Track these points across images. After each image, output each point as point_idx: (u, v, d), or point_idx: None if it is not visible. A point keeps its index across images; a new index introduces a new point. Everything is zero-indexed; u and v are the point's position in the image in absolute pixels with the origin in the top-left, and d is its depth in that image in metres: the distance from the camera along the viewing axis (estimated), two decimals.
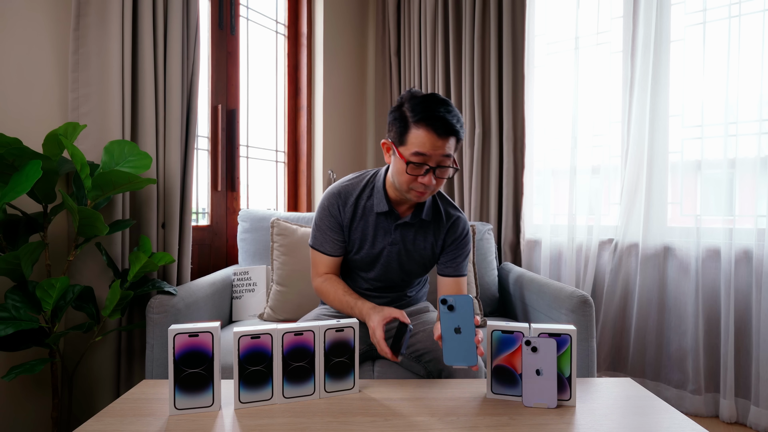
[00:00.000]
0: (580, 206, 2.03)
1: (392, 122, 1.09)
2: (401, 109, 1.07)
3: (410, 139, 1.03)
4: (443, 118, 1.01)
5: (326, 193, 1.21)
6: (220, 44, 1.91)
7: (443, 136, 1.02)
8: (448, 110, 1.03)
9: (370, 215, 1.18)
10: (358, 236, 1.19)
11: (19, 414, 1.25)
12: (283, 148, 2.30)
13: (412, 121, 1.03)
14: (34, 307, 1.09)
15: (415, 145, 1.02)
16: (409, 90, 1.11)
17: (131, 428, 0.74)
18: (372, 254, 1.20)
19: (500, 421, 0.77)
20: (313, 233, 1.22)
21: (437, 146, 1.02)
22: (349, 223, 1.18)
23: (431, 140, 1.01)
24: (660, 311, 1.89)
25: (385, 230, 1.18)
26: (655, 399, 0.87)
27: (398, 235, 1.18)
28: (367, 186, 1.20)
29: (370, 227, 1.18)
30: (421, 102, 1.04)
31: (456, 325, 0.84)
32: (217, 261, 1.90)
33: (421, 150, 1.02)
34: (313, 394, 0.86)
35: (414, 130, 1.03)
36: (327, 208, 1.18)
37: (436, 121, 1.01)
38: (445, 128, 1.01)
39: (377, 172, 1.22)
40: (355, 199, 1.18)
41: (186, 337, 0.78)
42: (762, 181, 1.67)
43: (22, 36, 1.23)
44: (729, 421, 1.70)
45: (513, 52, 2.11)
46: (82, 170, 1.12)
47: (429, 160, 1.03)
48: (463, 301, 0.84)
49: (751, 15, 1.70)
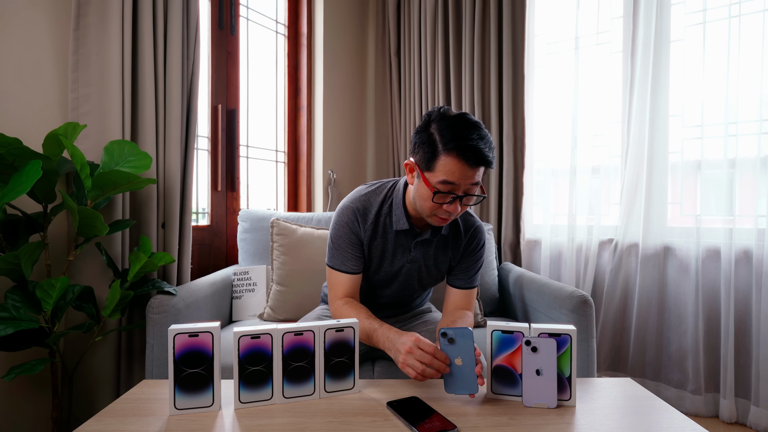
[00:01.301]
0: (580, 206, 2.03)
1: (419, 144, 1.00)
2: (429, 131, 0.99)
3: (438, 166, 0.96)
4: (476, 147, 0.93)
5: (343, 208, 1.12)
6: (220, 44, 1.91)
7: (474, 166, 0.95)
8: (481, 136, 0.95)
9: (389, 233, 1.12)
10: (377, 254, 1.13)
11: (19, 414, 1.25)
12: (283, 148, 2.30)
13: (443, 149, 0.95)
14: (34, 307, 1.09)
15: (443, 173, 0.95)
16: (438, 109, 1.01)
17: (131, 428, 0.74)
18: (391, 272, 1.15)
19: (500, 421, 0.77)
20: (331, 252, 1.13)
21: (467, 176, 0.96)
22: (369, 241, 1.12)
23: (461, 170, 0.95)
24: (660, 311, 1.89)
25: (405, 247, 1.13)
26: (655, 399, 0.87)
27: (418, 253, 1.14)
28: (386, 201, 1.12)
29: (390, 245, 1.12)
30: (452, 126, 0.96)
31: (457, 356, 0.85)
32: (217, 261, 1.90)
33: (450, 179, 0.95)
34: (313, 394, 0.86)
35: (443, 158, 0.95)
36: (347, 224, 1.10)
37: (468, 150, 0.93)
38: (477, 158, 0.94)
39: (395, 185, 1.15)
40: (374, 216, 1.11)
41: (186, 337, 0.78)
42: (762, 181, 1.67)
43: (22, 36, 1.23)
44: (729, 421, 1.70)
45: (513, 52, 2.11)
46: (82, 170, 1.12)
47: (457, 189, 0.97)
48: (463, 334, 0.84)
49: (751, 15, 1.70)
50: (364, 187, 1.17)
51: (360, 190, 1.15)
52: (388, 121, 2.52)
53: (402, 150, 2.45)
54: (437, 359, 0.85)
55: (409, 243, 1.13)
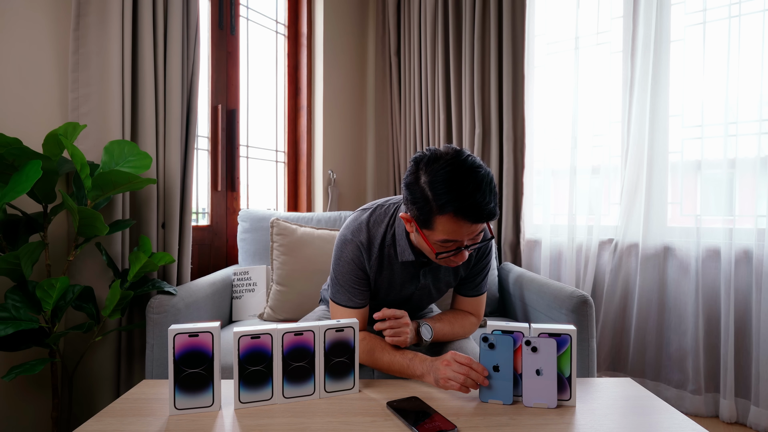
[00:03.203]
0: (580, 206, 2.03)
1: (411, 201, 0.90)
2: (419, 184, 0.87)
3: (437, 226, 0.87)
4: (476, 204, 0.83)
5: (345, 243, 1.04)
6: (220, 44, 1.91)
7: (476, 223, 0.86)
8: (479, 187, 0.83)
9: (395, 264, 1.05)
10: (384, 285, 1.08)
11: (19, 414, 1.25)
12: (283, 148, 2.30)
13: (438, 211, 0.85)
14: (34, 307, 1.09)
15: (442, 233, 0.87)
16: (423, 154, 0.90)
17: (131, 428, 0.74)
18: (400, 297, 1.13)
19: (500, 421, 0.77)
20: (335, 287, 1.06)
21: (471, 231, 0.87)
22: (376, 274, 1.05)
23: (462, 228, 0.86)
24: (660, 311, 1.89)
25: (412, 275, 1.08)
26: (655, 399, 0.87)
27: (428, 279, 1.10)
28: (388, 231, 1.04)
29: (397, 276, 1.07)
30: (446, 182, 0.84)
31: (495, 363, 0.84)
32: (217, 261, 1.90)
33: (452, 237, 0.87)
34: (313, 394, 0.86)
35: (441, 218, 0.86)
36: (352, 261, 1.03)
37: (468, 210, 0.83)
38: (477, 216, 0.84)
39: (395, 211, 1.06)
40: (378, 249, 1.03)
41: (186, 337, 0.78)
42: (762, 181, 1.67)
43: (23, 36, 1.23)
44: (729, 421, 1.70)
45: (513, 52, 2.11)
46: (82, 170, 1.12)
47: (460, 243, 0.89)
48: (505, 341, 0.84)
49: (751, 15, 1.70)
50: (361, 213, 1.08)
51: (360, 220, 1.06)
52: (388, 121, 2.52)
53: (402, 150, 2.45)
54: (474, 370, 0.84)
55: (417, 271, 1.08)
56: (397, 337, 0.97)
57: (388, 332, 0.97)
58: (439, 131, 2.27)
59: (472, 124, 2.18)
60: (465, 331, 1.15)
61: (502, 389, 0.84)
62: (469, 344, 1.16)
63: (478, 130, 2.15)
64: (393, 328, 0.97)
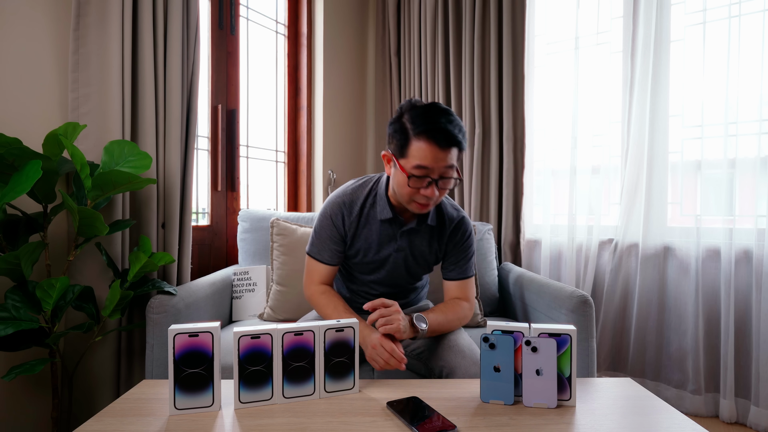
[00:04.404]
0: (580, 206, 2.03)
1: (392, 134, 1.07)
2: (401, 121, 1.05)
3: (411, 151, 1.01)
4: (445, 129, 0.99)
5: (329, 202, 1.18)
6: (220, 44, 1.91)
7: (445, 148, 1.00)
8: (450, 120, 1.01)
9: (374, 223, 1.17)
10: (362, 244, 1.18)
11: (19, 414, 1.25)
12: (283, 148, 2.30)
13: (413, 134, 1.01)
14: (34, 307, 1.09)
15: (416, 158, 1.01)
16: (408, 100, 1.09)
17: (131, 428, 0.74)
18: (377, 260, 1.19)
19: (500, 421, 0.77)
20: (312, 241, 1.21)
21: (439, 158, 1.00)
22: (354, 231, 1.17)
23: (433, 152, 0.99)
24: (660, 311, 1.89)
25: (390, 237, 1.17)
26: (655, 399, 0.87)
27: (404, 242, 1.18)
28: (371, 193, 1.18)
29: (375, 234, 1.17)
30: (422, 113, 1.02)
31: (496, 363, 0.84)
32: (217, 261, 1.90)
33: (423, 163, 1.00)
34: (313, 394, 0.86)
35: (415, 143, 1.01)
36: (330, 217, 1.17)
37: (438, 132, 0.99)
38: (447, 140, 0.99)
39: (379, 178, 1.21)
40: (359, 208, 1.17)
41: (186, 337, 0.78)
42: (762, 181, 1.67)
43: (23, 36, 1.23)
44: (729, 421, 1.70)
45: (513, 52, 2.11)
46: (82, 170, 1.12)
47: (431, 172, 1.01)
48: (505, 341, 0.84)
49: (751, 15, 1.70)
50: (351, 182, 1.23)
51: (347, 185, 1.21)
52: (388, 121, 2.52)
53: None
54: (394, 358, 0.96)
55: (395, 232, 1.17)
56: (390, 324, 0.98)
57: (380, 321, 0.99)
58: None
59: (472, 124, 2.18)
60: (459, 317, 1.17)
61: (503, 389, 0.84)
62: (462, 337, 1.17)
63: (478, 130, 2.15)
64: (384, 316, 0.99)
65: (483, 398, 0.85)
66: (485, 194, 2.19)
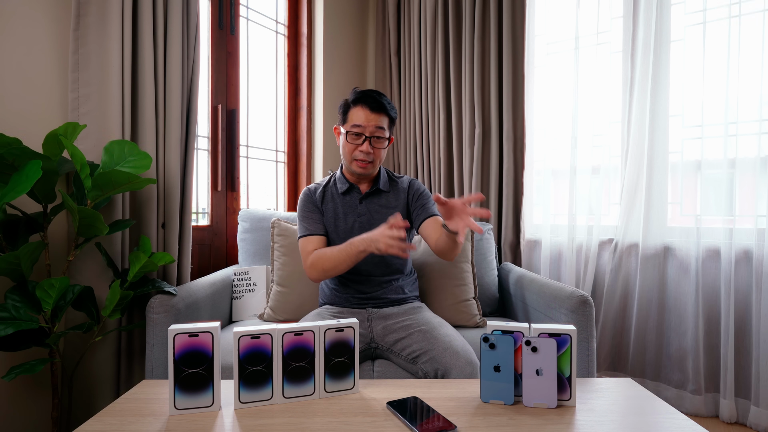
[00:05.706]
0: (580, 206, 2.03)
1: (339, 110, 1.38)
2: (345, 100, 1.36)
3: (350, 116, 1.32)
4: (375, 98, 1.30)
5: (301, 194, 1.43)
6: (220, 44, 1.91)
7: (375, 112, 1.30)
8: (381, 95, 1.32)
9: (337, 198, 1.40)
10: (330, 216, 1.38)
11: (19, 414, 1.25)
12: (283, 148, 2.30)
13: (351, 103, 1.33)
14: (34, 307, 1.09)
15: (353, 120, 1.31)
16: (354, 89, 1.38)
17: (131, 428, 0.74)
18: (346, 228, 1.37)
19: (500, 421, 0.77)
20: (300, 225, 1.38)
21: (371, 119, 1.30)
22: (322, 206, 1.39)
23: (366, 115, 1.30)
24: (660, 311, 1.89)
25: (352, 206, 1.39)
26: (655, 399, 0.87)
27: (364, 208, 1.38)
28: (330, 179, 1.45)
29: (339, 206, 1.39)
30: (360, 91, 1.34)
31: (496, 363, 0.84)
32: (217, 261, 1.90)
33: (358, 122, 1.30)
34: (313, 394, 0.86)
35: (352, 109, 1.32)
36: (303, 199, 1.40)
37: (369, 98, 1.30)
38: (376, 105, 1.30)
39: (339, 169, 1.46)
40: (322, 190, 1.41)
41: (186, 337, 0.78)
42: (762, 181, 1.67)
43: (23, 36, 1.23)
44: (729, 421, 1.70)
45: (513, 52, 2.11)
46: (82, 170, 1.12)
47: (365, 130, 1.30)
48: (505, 341, 0.84)
49: (751, 15, 1.70)
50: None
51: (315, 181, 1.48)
52: None
53: (402, 150, 2.45)
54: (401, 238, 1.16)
55: (355, 201, 1.39)
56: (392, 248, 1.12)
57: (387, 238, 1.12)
58: (439, 131, 2.27)
59: (472, 124, 2.18)
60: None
61: (503, 389, 0.84)
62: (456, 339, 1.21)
63: (478, 130, 2.15)
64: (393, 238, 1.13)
65: (483, 398, 0.85)
66: (485, 194, 2.19)
